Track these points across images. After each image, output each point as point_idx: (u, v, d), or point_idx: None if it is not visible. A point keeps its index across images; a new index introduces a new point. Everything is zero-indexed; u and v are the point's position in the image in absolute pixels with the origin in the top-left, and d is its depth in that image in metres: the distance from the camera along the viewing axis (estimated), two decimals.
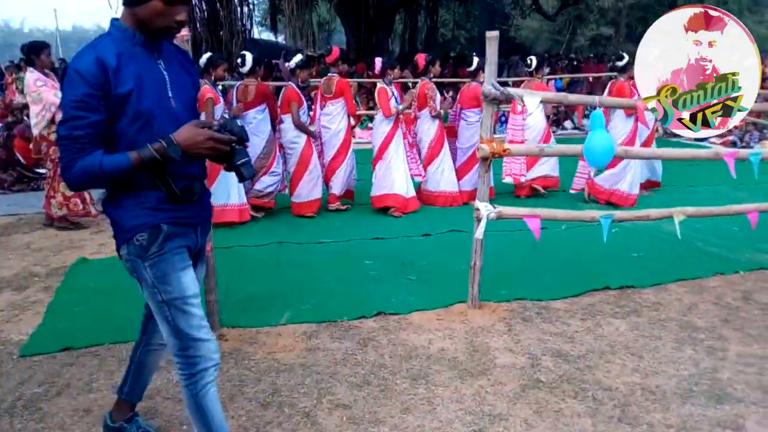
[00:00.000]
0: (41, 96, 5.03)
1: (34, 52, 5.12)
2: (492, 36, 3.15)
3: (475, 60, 6.12)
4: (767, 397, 2.64)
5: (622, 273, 4.11)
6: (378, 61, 6.14)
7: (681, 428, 2.42)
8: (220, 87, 5.56)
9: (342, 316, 3.45)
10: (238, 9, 17.33)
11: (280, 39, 23.23)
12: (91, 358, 2.99)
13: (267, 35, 24.43)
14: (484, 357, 2.99)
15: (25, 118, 7.92)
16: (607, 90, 6.32)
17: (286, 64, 5.80)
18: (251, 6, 19.11)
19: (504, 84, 10.96)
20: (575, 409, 2.54)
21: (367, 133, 11.54)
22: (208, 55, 5.52)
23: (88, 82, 1.66)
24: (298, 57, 5.76)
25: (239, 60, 5.68)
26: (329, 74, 5.99)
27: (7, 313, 3.56)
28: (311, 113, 6.21)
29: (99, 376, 2.81)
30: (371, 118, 12.07)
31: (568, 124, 12.71)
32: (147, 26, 1.75)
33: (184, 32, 2.92)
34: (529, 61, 6.44)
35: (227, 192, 5.37)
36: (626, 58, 6.12)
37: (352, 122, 7.11)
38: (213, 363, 1.90)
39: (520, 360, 2.97)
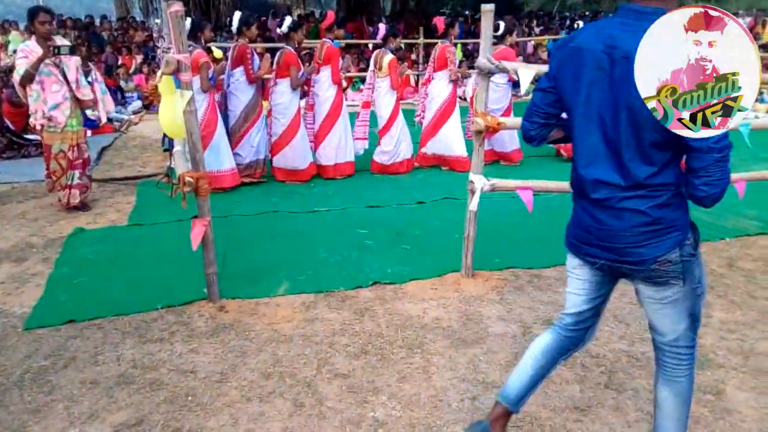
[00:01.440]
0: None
1: (29, 18, 4.72)
2: (487, 9, 3.13)
3: (502, 24, 6.15)
4: (747, 363, 2.77)
5: None
6: (381, 28, 6.14)
7: None
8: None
9: (339, 286, 3.54)
10: None
11: None
12: (94, 331, 3.06)
13: None
14: (478, 326, 3.10)
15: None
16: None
17: (278, 30, 5.73)
18: None
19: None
20: (564, 376, 2.66)
21: (359, 95, 11.45)
22: (189, 20, 5.40)
23: None
24: (288, 20, 5.68)
25: (228, 20, 5.62)
26: (323, 40, 5.92)
27: (7, 285, 3.61)
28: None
29: (104, 348, 2.89)
30: (363, 80, 11.94)
31: None
32: None
33: (177, 7, 2.88)
34: (576, 25, 6.42)
35: (219, 159, 5.41)
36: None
37: (344, 85, 7.01)
38: None
39: (512, 328, 3.07)
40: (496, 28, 6.19)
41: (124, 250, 4.16)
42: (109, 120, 9.29)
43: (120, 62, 11.65)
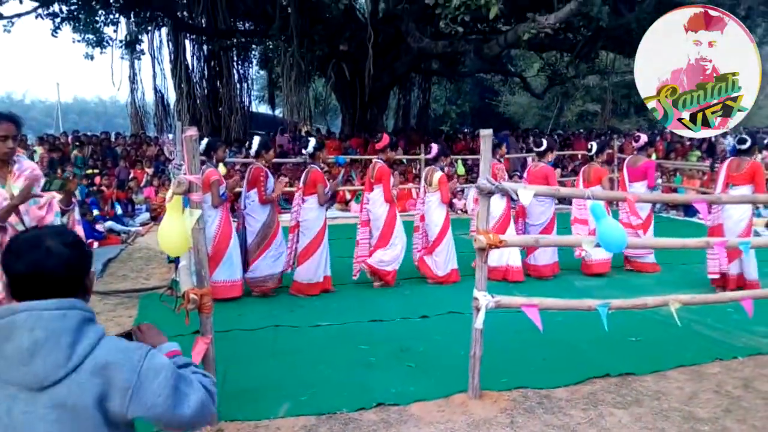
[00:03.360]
0: None
1: None
2: (486, 134, 3.31)
3: (545, 142, 6.57)
4: None
5: (622, 359, 4.10)
6: (434, 147, 6.49)
7: None
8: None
9: (341, 407, 3.40)
10: (238, 86, 18.01)
11: (278, 113, 23.97)
12: None
13: (264, 108, 25.21)
14: None
15: None
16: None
17: (304, 151, 6.05)
18: (250, 82, 19.87)
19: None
20: None
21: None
22: (206, 140, 5.72)
23: None
24: (313, 141, 6.02)
25: (248, 143, 5.95)
26: (375, 159, 6.25)
27: None
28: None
29: None
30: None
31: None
32: None
33: (192, 132, 3.05)
34: (589, 146, 6.67)
35: (233, 269, 5.56)
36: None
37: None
38: None
39: None
40: (539, 145, 6.61)
41: None
42: (116, 232, 9.48)
43: (132, 175, 12.06)
